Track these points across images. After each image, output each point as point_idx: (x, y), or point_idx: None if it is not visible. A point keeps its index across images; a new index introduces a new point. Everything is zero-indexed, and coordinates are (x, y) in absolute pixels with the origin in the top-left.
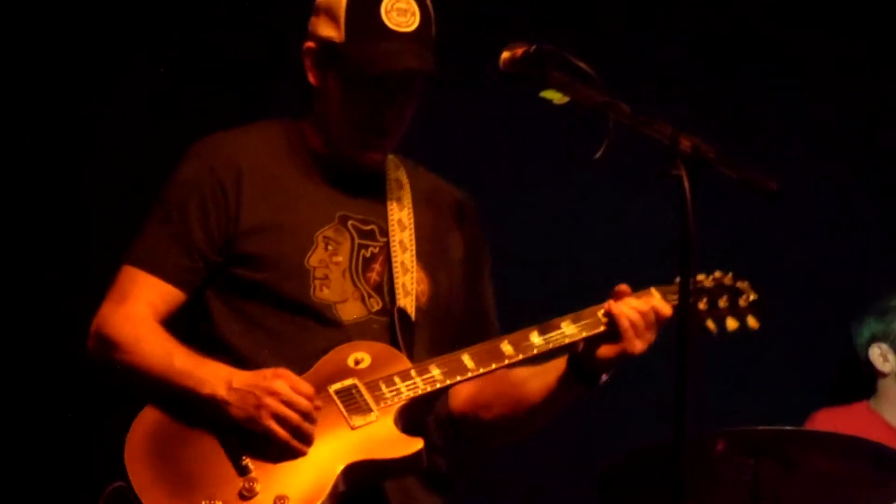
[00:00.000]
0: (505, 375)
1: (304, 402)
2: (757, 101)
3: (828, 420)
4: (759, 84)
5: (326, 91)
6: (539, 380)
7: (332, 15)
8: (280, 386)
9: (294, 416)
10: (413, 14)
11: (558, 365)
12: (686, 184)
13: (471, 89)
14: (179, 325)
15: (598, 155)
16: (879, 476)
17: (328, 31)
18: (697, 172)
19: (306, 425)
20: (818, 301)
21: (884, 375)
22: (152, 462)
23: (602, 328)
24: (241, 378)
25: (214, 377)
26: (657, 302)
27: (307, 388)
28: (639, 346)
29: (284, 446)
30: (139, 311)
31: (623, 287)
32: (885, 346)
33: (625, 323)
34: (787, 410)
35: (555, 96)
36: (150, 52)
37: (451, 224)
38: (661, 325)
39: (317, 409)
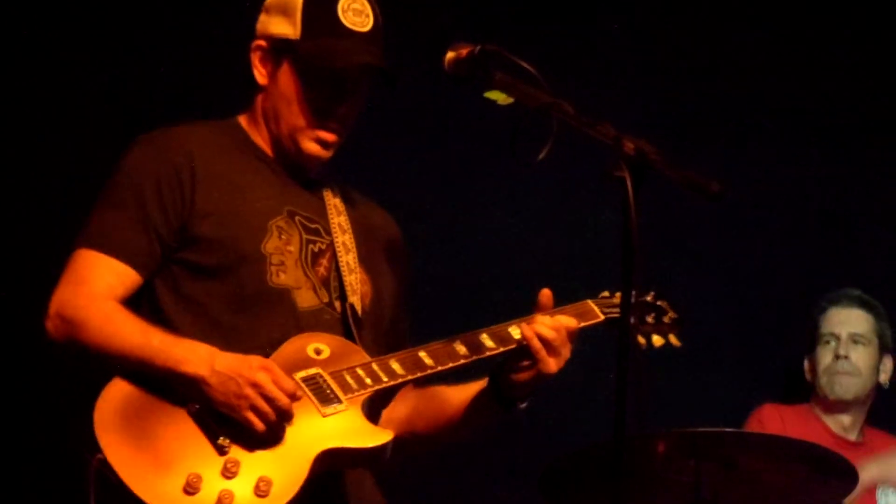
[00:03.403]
0: (427, 389)
1: (284, 400)
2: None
3: (775, 414)
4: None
5: (275, 89)
6: (460, 397)
7: (286, 13)
8: (263, 378)
9: (271, 413)
10: (367, 15)
11: (481, 383)
12: (629, 185)
13: (410, 89)
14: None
15: (541, 156)
16: (820, 478)
17: (282, 28)
18: (641, 174)
19: (278, 422)
20: (762, 302)
21: (811, 385)
22: (127, 436)
23: (508, 346)
24: (224, 361)
25: (196, 356)
26: (565, 319)
27: (289, 384)
28: (553, 365)
29: (258, 437)
30: (101, 291)
31: (545, 293)
32: (810, 359)
33: (536, 344)
34: (730, 412)
35: (499, 97)
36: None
37: (381, 241)
38: (573, 339)
39: (296, 399)
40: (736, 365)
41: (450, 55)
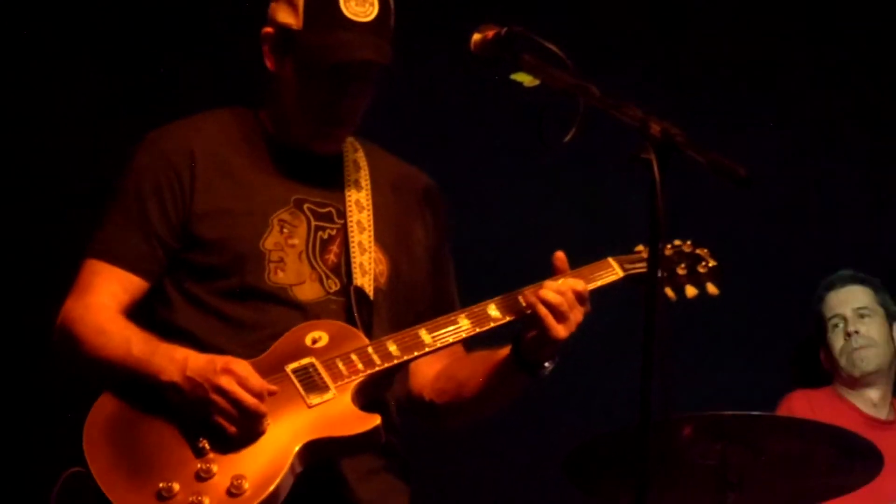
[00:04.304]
0: (459, 358)
1: (250, 400)
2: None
3: (804, 400)
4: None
5: (283, 77)
6: (485, 365)
7: (291, 1)
8: (227, 382)
9: (238, 416)
10: (372, 4)
11: (507, 349)
12: (655, 168)
13: (439, 69)
14: (142, 313)
15: (567, 138)
16: (845, 461)
17: (287, 17)
18: (667, 156)
19: (251, 422)
20: (788, 284)
21: (831, 372)
22: (111, 447)
23: (513, 316)
24: (194, 365)
25: (171, 363)
26: (572, 282)
27: (256, 383)
28: (562, 331)
29: (236, 437)
30: (100, 302)
31: (559, 255)
32: (824, 349)
33: (542, 310)
34: (757, 395)
35: (525, 79)
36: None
37: (413, 206)
38: (584, 301)
39: (271, 394)
40: (764, 348)
41: (476, 37)
